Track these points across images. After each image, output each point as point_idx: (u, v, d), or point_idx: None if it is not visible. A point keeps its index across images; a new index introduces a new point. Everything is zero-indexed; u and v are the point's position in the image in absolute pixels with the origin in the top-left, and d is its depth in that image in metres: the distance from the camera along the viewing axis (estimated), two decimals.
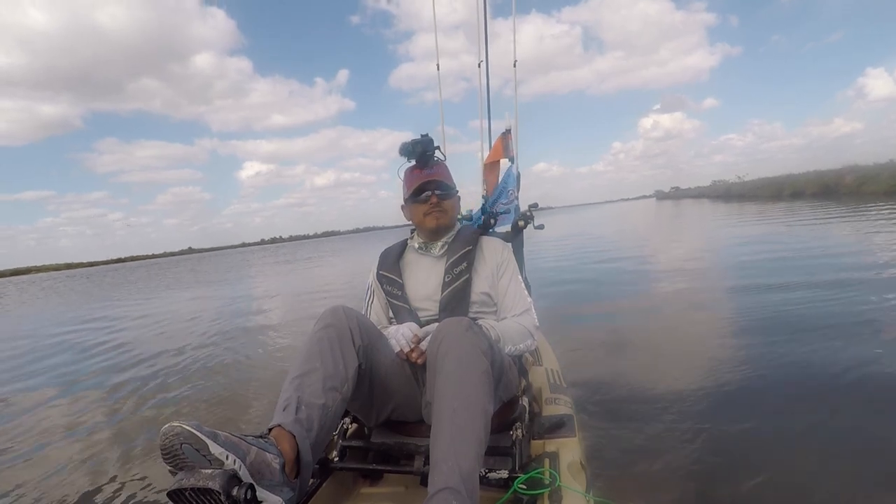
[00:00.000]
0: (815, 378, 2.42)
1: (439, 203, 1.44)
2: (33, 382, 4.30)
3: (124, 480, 2.08)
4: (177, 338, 5.59)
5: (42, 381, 4.30)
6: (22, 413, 3.36)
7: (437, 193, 1.44)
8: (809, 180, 27.35)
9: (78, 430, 2.83)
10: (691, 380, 2.54)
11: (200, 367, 4.02)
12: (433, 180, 1.44)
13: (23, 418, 3.23)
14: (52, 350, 5.87)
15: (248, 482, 0.83)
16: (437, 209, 1.44)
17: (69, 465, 2.35)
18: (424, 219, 1.45)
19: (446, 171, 1.48)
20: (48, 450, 2.60)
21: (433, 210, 1.44)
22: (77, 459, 2.40)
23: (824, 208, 14.22)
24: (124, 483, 2.06)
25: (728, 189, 44.13)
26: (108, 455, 2.40)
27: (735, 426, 1.99)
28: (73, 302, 13.90)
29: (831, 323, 3.22)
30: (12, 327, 8.92)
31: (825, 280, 4.53)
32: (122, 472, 2.17)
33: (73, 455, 2.46)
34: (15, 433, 2.93)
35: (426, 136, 1.45)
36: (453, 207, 1.49)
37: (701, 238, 11.35)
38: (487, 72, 2.24)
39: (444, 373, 1.04)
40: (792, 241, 7.88)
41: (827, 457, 1.74)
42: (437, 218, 1.44)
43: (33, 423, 3.08)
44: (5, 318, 9.53)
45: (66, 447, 2.60)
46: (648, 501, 1.59)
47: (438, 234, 1.48)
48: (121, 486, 2.04)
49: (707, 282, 5.54)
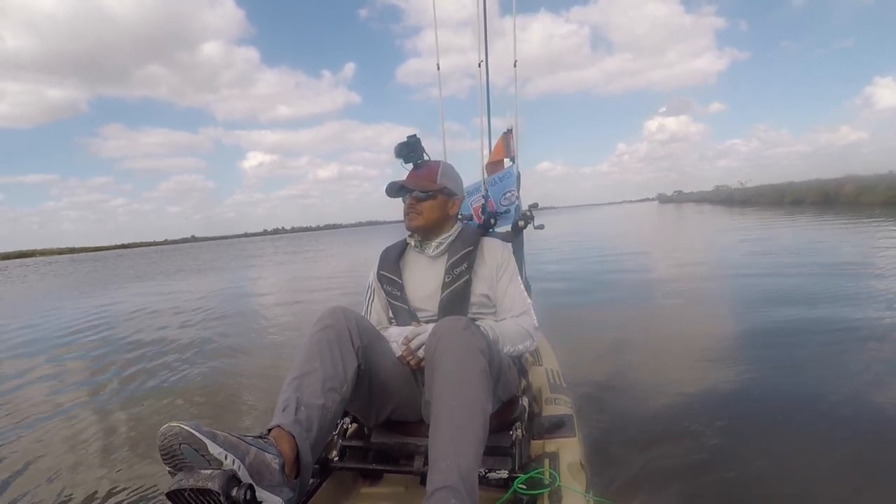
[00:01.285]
0: (817, 379, 2.42)
1: (414, 205, 1.44)
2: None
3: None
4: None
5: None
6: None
7: (412, 195, 1.44)
8: (810, 188, 27.57)
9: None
10: (692, 381, 2.54)
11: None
12: (413, 181, 1.45)
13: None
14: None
15: (247, 483, 0.83)
16: (413, 211, 1.44)
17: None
18: (405, 218, 1.47)
19: (434, 172, 1.46)
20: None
21: (409, 211, 1.45)
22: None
23: (817, 217, 14.33)
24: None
25: (730, 195, 44.36)
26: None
27: (736, 427, 2.00)
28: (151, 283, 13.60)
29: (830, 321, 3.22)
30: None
31: (813, 276, 4.63)
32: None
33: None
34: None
35: (413, 136, 1.45)
36: (433, 209, 1.45)
37: (690, 240, 11.52)
38: (487, 71, 2.24)
39: (441, 372, 1.04)
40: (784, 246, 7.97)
41: (828, 457, 1.73)
42: (412, 219, 1.45)
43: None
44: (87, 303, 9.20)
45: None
46: (648, 501, 1.59)
47: (422, 234, 1.48)
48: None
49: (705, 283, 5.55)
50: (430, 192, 1.44)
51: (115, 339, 5.27)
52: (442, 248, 1.47)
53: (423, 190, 1.44)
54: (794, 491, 1.58)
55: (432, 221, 1.46)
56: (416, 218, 1.45)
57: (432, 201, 1.45)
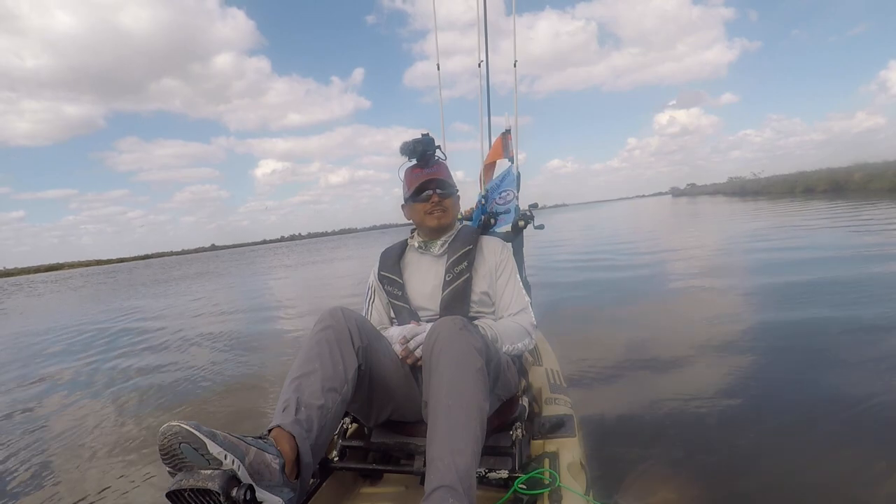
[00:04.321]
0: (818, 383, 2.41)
1: (440, 202, 1.45)
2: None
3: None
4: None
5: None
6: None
7: (438, 192, 1.44)
8: (821, 177, 27.92)
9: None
10: (693, 381, 2.53)
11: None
12: (434, 179, 1.44)
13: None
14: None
15: (247, 483, 0.83)
16: (439, 208, 1.45)
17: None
18: (425, 217, 1.46)
19: (446, 171, 1.49)
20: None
21: (435, 209, 1.45)
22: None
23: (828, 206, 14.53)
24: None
25: (743, 186, 43.98)
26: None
27: (737, 428, 1.99)
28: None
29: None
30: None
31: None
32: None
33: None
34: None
35: (427, 135, 1.45)
36: (454, 206, 1.50)
37: (705, 233, 11.70)
38: (487, 72, 2.26)
39: (438, 371, 1.04)
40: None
41: (829, 459, 1.72)
42: (439, 217, 1.45)
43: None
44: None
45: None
46: (648, 502, 1.58)
47: (439, 232, 1.49)
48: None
49: (711, 279, 5.53)
50: (453, 188, 1.48)
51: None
52: (444, 248, 1.48)
53: (448, 186, 1.46)
54: (796, 491, 1.57)
55: (452, 219, 1.50)
56: (444, 215, 1.45)
57: (452, 199, 1.49)
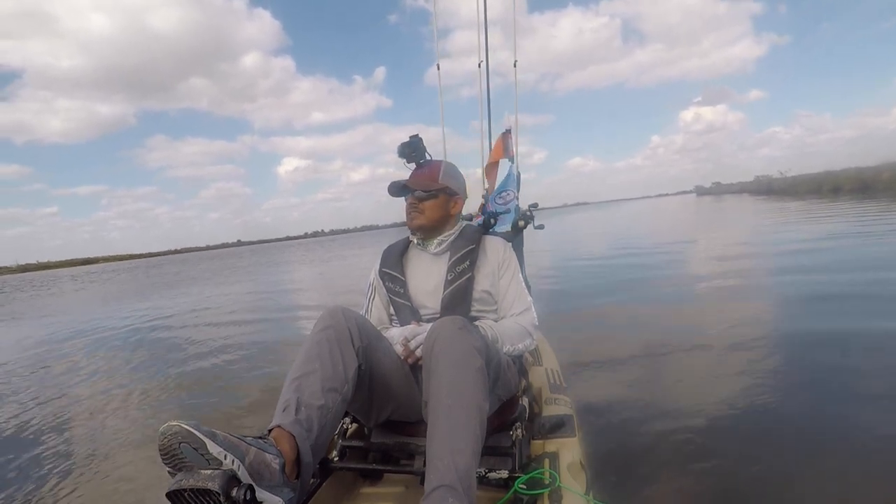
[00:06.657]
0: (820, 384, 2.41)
1: (416, 204, 1.46)
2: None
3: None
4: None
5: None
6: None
7: (414, 194, 1.46)
8: (848, 177, 27.97)
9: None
10: (693, 381, 2.54)
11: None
12: (414, 181, 1.46)
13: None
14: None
15: (247, 483, 0.83)
16: (415, 210, 1.46)
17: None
18: (407, 218, 1.48)
19: (434, 172, 1.47)
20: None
21: (411, 210, 1.47)
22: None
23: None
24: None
25: (770, 185, 43.88)
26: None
27: (737, 428, 1.99)
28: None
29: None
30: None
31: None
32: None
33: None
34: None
35: (415, 136, 1.47)
36: (434, 208, 1.46)
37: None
38: (488, 72, 2.28)
39: (438, 371, 1.04)
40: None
41: (831, 459, 1.73)
42: (414, 218, 1.46)
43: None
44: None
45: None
46: (648, 502, 1.58)
47: (429, 232, 1.48)
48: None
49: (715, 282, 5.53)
50: (432, 191, 1.45)
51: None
52: (444, 246, 1.48)
53: (425, 189, 1.45)
54: (796, 492, 1.57)
55: (433, 220, 1.47)
56: (418, 217, 1.46)
57: (434, 200, 1.46)
